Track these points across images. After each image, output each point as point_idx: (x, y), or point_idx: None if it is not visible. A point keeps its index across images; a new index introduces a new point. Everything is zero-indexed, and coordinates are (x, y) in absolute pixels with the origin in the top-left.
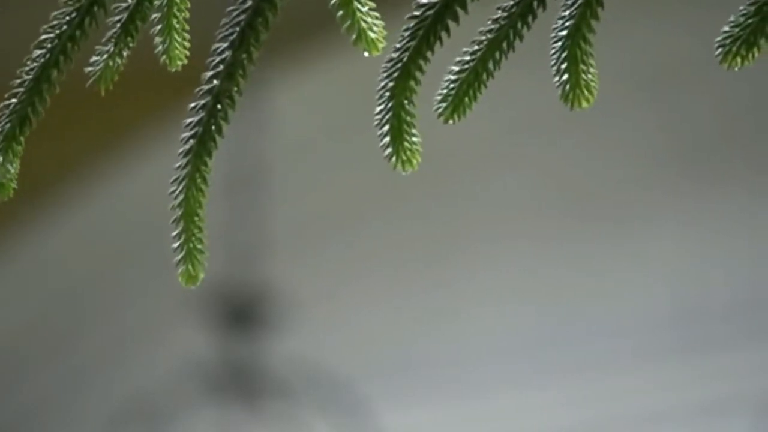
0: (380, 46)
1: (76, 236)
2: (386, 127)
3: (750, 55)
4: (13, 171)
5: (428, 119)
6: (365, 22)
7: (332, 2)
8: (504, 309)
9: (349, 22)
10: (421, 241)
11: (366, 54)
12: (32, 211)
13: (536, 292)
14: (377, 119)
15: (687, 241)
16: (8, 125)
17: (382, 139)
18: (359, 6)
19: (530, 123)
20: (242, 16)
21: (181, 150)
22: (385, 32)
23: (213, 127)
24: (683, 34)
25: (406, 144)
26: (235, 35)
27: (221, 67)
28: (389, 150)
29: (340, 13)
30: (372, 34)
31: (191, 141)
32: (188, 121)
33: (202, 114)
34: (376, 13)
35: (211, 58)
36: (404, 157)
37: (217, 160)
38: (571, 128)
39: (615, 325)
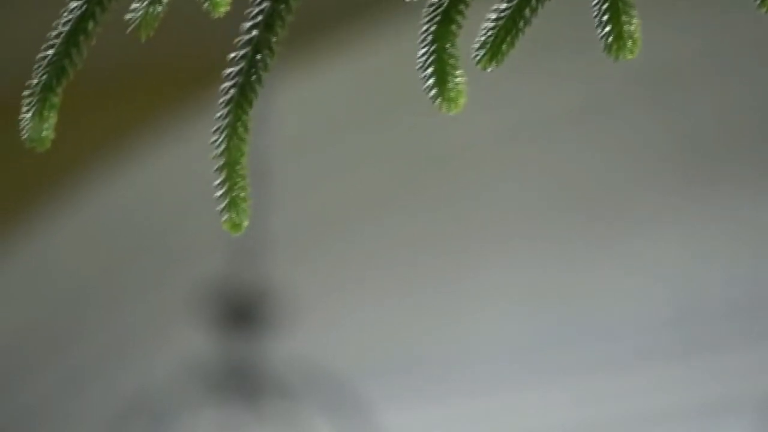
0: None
1: (77, 236)
2: (429, 70)
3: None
4: (50, 123)
5: (429, 122)
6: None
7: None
8: (505, 309)
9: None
10: (421, 241)
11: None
12: (33, 210)
13: (537, 293)
14: (420, 62)
15: (687, 242)
16: (45, 76)
17: (425, 82)
18: None
19: (531, 124)
20: None
21: (221, 100)
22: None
23: (253, 78)
24: (685, 34)
25: (449, 85)
26: None
27: (260, 17)
28: (433, 92)
29: None
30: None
31: (232, 91)
32: (229, 71)
33: (242, 64)
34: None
35: (250, 9)
36: (449, 97)
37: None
38: (573, 129)
39: (616, 326)
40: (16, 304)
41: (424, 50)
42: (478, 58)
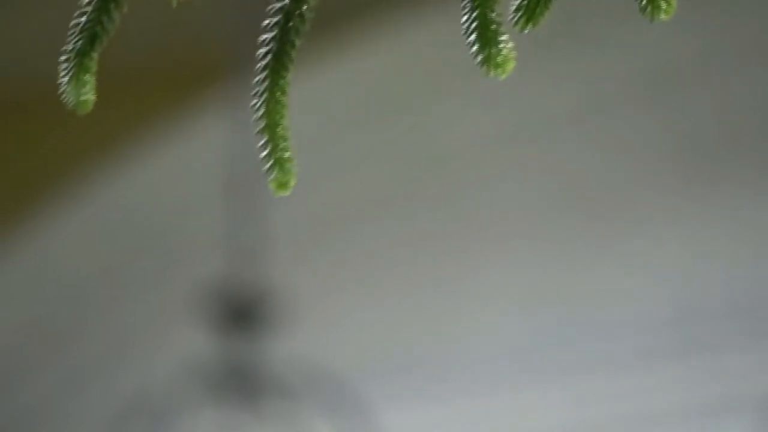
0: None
1: (77, 236)
2: (473, 36)
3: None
4: (88, 87)
5: (429, 122)
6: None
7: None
8: (505, 309)
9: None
10: (421, 241)
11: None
12: (33, 210)
13: (537, 293)
14: (463, 29)
15: (687, 242)
16: (79, 42)
17: (470, 48)
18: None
19: (531, 124)
20: None
21: (258, 65)
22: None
23: (287, 45)
24: (686, 35)
25: (494, 50)
26: None
27: None
28: (480, 57)
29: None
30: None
31: (268, 57)
32: (264, 37)
33: (275, 31)
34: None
35: None
36: (496, 63)
37: (217, 159)
38: (573, 129)
39: (616, 326)
40: (16, 304)
41: (466, 17)
42: (516, 20)
